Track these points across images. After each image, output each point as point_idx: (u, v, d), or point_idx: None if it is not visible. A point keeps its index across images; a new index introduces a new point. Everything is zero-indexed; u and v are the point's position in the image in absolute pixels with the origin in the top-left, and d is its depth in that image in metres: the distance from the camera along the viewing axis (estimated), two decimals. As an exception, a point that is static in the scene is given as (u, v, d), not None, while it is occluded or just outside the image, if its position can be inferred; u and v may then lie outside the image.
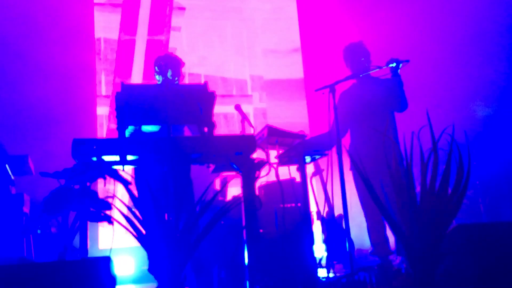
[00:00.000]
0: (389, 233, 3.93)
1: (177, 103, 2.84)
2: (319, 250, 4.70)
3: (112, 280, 2.28)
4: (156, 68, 3.76)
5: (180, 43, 6.65)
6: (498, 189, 5.41)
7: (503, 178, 5.46)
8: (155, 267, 3.39)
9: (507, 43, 5.93)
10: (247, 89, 6.87)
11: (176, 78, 3.81)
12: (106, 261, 2.19)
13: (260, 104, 6.88)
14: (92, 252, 3.07)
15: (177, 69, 3.78)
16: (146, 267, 4.01)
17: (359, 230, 4.36)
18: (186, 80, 6.18)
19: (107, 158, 2.66)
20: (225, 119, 6.52)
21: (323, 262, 4.33)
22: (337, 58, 4.77)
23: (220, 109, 6.29)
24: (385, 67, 3.54)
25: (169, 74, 3.65)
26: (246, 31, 7.05)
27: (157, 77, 3.80)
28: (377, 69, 3.60)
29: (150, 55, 6.43)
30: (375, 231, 3.87)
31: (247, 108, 6.65)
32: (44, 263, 2.20)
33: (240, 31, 7.02)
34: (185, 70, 3.96)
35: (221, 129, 6.29)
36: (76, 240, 2.64)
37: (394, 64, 3.53)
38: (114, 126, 5.05)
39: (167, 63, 3.28)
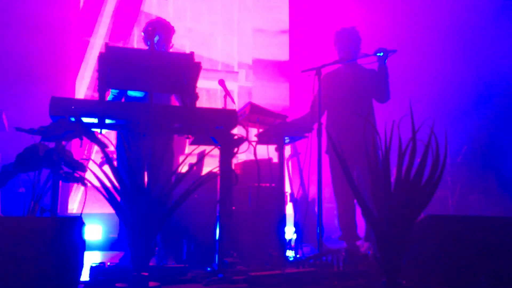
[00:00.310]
0: (358, 221, 4.00)
1: (160, 71, 2.79)
2: (290, 232, 4.75)
3: (82, 242, 2.26)
4: (143, 33, 3.69)
5: (165, 11, 6.53)
6: (468, 187, 5.56)
7: (474, 176, 5.60)
8: (125, 235, 3.38)
9: (492, 40, 6.02)
10: (234, 66, 6.82)
11: (164, 45, 3.75)
12: (78, 221, 2.17)
13: (245, 82, 6.84)
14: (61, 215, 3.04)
15: (166, 35, 3.71)
16: (114, 234, 3.99)
17: (329, 216, 4.43)
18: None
19: (85, 119, 2.61)
20: (208, 94, 6.47)
21: (293, 243, 4.39)
22: (324, 42, 4.77)
23: (204, 83, 6.23)
24: (373, 55, 3.55)
25: (155, 39, 3.58)
26: (237, 5, 6.96)
27: (144, 43, 3.73)
28: (365, 57, 3.61)
29: (119, 14, 6.30)
30: (345, 216, 3.93)
31: (232, 86, 6.61)
32: (13, 217, 2.16)
33: (231, 4, 6.93)
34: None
35: (203, 104, 6.24)
36: (47, 201, 2.60)
37: (381, 54, 3.55)
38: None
39: (154, 28, 3.22)
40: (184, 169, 2.75)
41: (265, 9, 7.12)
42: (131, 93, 3.54)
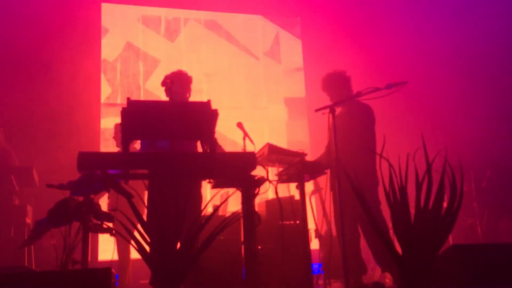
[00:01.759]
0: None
1: (180, 120, 2.92)
2: (317, 268, 4.72)
3: (112, 291, 2.33)
4: (164, 87, 3.84)
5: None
6: (496, 212, 5.45)
7: (501, 201, 5.50)
8: (155, 280, 3.43)
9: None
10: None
11: (187, 95, 3.91)
12: (106, 272, 2.24)
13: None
14: (93, 264, 3.13)
15: (185, 85, 3.87)
16: (145, 280, 4.03)
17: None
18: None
19: (111, 171, 2.73)
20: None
21: (320, 279, 4.36)
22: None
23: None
24: (384, 89, 3.62)
25: (176, 90, 3.74)
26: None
27: (166, 94, 3.88)
28: (376, 91, 3.67)
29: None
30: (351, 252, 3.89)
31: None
32: (45, 272, 2.25)
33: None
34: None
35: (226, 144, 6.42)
36: (78, 252, 2.69)
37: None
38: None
39: (172, 81, 3.37)
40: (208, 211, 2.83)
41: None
42: (160, 142, 3.67)
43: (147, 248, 2.48)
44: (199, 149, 3.78)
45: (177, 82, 3.80)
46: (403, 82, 3.57)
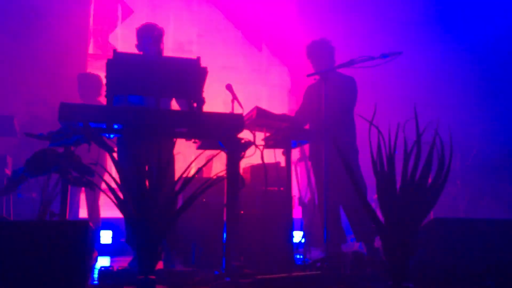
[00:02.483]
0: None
1: (168, 76, 2.83)
2: (298, 236, 4.75)
3: (91, 246, 2.29)
4: (145, 38, 3.70)
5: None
6: (478, 191, 5.51)
7: (485, 180, 5.55)
8: (133, 239, 3.41)
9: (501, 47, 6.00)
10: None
11: (158, 49, 3.76)
12: (85, 225, 2.19)
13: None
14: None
15: (156, 39, 3.72)
16: (124, 239, 4.02)
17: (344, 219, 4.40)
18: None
19: (93, 124, 2.65)
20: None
21: (301, 247, 4.39)
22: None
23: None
24: (378, 58, 3.55)
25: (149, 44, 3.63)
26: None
27: (141, 48, 3.74)
28: (370, 60, 3.60)
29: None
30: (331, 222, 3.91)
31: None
32: (23, 221, 2.20)
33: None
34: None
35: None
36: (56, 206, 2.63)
37: (387, 56, 3.54)
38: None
39: (160, 33, 3.24)
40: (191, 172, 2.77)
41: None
42: (131, 97, 3.57)
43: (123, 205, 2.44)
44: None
45: (146, 36, 3.66)
46: (397, 52, 3.50)
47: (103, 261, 4.34)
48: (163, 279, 2.63)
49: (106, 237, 5.32)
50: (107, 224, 5.21)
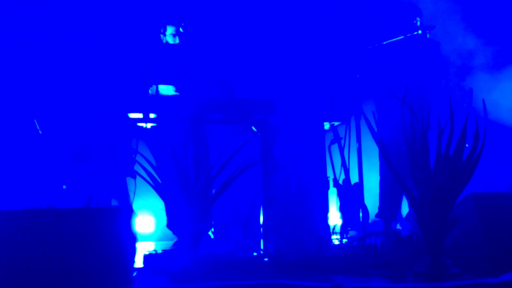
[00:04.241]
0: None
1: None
2: (334, 217, 4.77)
3: (132, 231, 2.39)
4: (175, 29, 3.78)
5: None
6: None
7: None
8: (173, 223, 3.53)
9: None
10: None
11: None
12: (127, 211, 2.30)
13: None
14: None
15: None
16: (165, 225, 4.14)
17: (375, 200, 4.40)
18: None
19: (131, 115, 2.76)
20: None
21: (337, 229, 4.41)
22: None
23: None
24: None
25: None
26: None
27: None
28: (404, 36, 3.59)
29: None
30: (388, 195, 3.89)
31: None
32: (68, 209, 2.33)
33: None
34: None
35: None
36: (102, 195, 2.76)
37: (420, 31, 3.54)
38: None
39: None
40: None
41: None
42: (162, 90, 3.67)
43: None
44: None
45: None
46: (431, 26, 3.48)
47: (148, 247, 4.49)
48: (204, 262, 2.71)
49: (150, 223, 5.50)
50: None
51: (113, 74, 5.04)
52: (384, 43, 3.80)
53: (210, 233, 3.59)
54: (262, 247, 2.92)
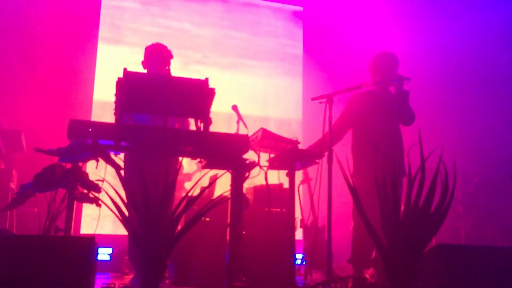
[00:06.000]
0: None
1: (176, 96, 2.88)
2: (299, 258, 4.74)
3: (94, 263, 2.30)
4: (145, 58, 3.80)
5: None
6: (481, 218, 5.49)
7: (487, 207, 5.54)
8: (135, 257, 3.41)
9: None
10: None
11: (164, 69, 3.85)
12: (90, 241, 2.21)
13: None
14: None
15: (162, 60, 3.80)
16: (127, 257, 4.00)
17: (339, 243, 4.40)
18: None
19: (101, 141, 2.68)
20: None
21: (302, 269, 4.37)
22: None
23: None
24: (390, 81, 3.62)
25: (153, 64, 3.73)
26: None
27: (148, 66, 3.83)
28: (381, 83, 3.67)
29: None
30: (361, 241, 3.88)
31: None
32: (27, 236, 2.22)
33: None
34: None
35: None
36: (62, 222, 2.65)
37: (397, 80, 3.63)
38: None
39: (169, 54, 3.31)
40: (196, 192, 2.79)
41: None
42: (137, 116, 3.63)
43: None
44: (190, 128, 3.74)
45: (156, 56, 3.76)
46: (406, 78, 3.57)
47: (104, 278, 4.33)
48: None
49: (106, 253, 5.33)
50: (108, 240, 5.22)
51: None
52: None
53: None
54: (226, 285, 2.84)
